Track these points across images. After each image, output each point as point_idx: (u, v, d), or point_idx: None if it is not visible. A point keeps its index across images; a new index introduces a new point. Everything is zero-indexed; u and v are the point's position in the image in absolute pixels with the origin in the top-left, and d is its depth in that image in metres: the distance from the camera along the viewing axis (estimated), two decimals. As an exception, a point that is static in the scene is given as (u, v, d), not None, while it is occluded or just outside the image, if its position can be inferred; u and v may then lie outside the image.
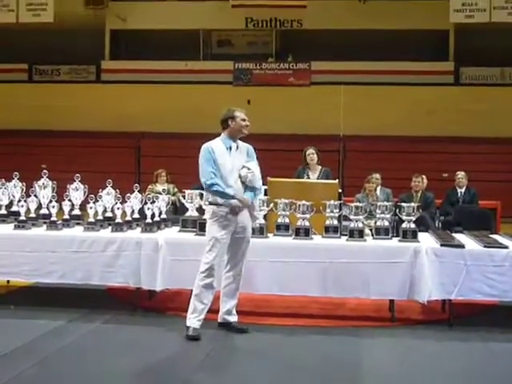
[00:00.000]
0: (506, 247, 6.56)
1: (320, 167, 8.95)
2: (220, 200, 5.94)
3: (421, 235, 6.99)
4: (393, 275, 6.47)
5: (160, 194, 8.01)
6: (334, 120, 19.43)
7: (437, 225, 10.68)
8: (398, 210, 6.96)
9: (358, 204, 7.04)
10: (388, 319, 6.69)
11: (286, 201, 6.91)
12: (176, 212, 9.90)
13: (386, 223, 6.93)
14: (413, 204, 6.97)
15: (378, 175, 10.47)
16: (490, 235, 7.41)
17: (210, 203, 6.05)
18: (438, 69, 20.40)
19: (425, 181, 10.96)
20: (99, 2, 20.36)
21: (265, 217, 6.95)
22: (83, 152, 19.48)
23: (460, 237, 7.23)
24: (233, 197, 5.92)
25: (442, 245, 6.56)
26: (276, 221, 6.98)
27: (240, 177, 6.01)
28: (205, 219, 6.42)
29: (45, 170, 7.43)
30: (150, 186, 10.79)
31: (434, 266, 6.41)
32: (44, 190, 7.36)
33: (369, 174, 10.47)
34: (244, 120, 6.09)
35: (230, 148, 6.04)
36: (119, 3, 21.16)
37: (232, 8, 19.15)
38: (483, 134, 18.81)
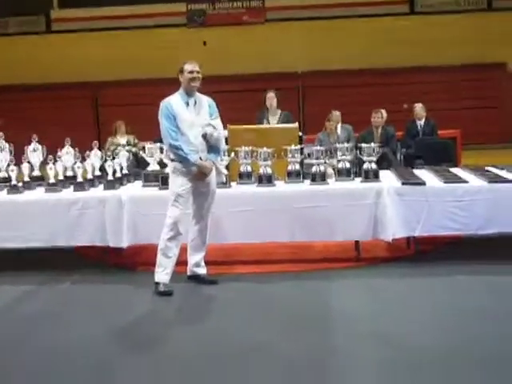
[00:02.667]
0: (466, 182, 6.66)
1: (280, 111, 8.91)
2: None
3: (382, 174, 7.06)
4: (357, 217, 6.53)
5: (120, 146, 7.93)
6: (291, 57, 19.33)
7: (399, 158, 10.74)
8: (358, 151, 7.00)
9: (318, 148, 7.04)
10: (355, 259, 6.79)
11: (247, 149, 6.91)
12: (138, 164, 9.80)
13: (348, 164, 6.97)
14: (372, 144, 7.01)
15: (337, 112, 10.39)
16: (451, 169, 7.51)
17: (172, 160, 5.97)
18: (393, -2, 20.34)
19: (384, 115, 10.90)
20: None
21: (227, 166, 6.94)
22: (39, 106, 19.17)
23: (421, 173, 7.31)
24: (194, 164, 5.83)
25: (403, 183, 6.63)
26: (238, 170, 6.99)
27: (205, 135, 5.89)
28: (167, 173, 6.39)
29: (0, 133, 7.29)
30: (109, 139, 10.60)
31: (397, 205, 6.49)
32: (1, 153, 7.26)
33: (328, 110, 10.43)
34: (191, 72, 5.90)
35: (188, 103, 5.92)
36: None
37: None
38: (441, 62, 18.87)
